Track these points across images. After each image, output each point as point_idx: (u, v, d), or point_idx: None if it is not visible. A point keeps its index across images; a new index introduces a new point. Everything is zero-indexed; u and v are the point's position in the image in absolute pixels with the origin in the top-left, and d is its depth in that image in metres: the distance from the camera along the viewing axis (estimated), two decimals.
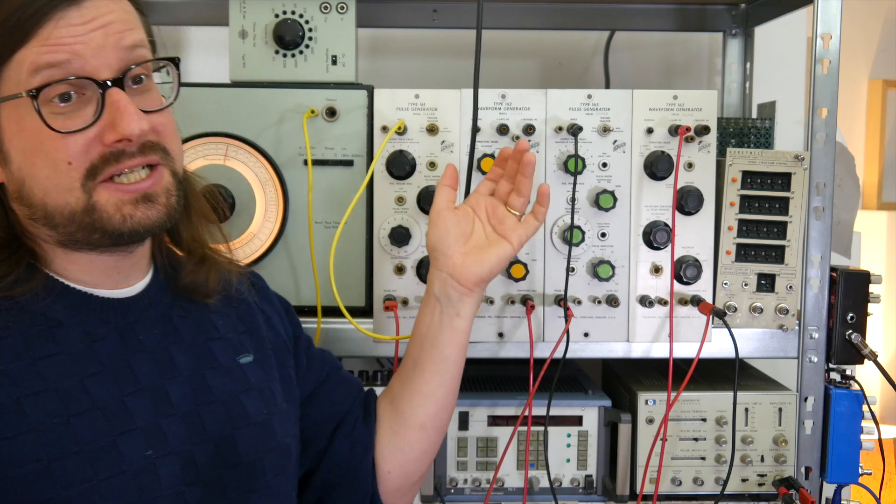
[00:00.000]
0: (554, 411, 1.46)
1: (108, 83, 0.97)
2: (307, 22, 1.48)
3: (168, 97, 1.06)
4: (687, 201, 1.43)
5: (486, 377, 1.64)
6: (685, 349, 1.45)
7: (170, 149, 1.04)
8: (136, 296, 1.09)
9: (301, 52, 1.48)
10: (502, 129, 1.42)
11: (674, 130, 1.42)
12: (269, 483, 1.11)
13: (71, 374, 0.99)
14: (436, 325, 1.25)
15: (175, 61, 1.07)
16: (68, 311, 1.03)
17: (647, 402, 1.50)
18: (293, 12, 1.48)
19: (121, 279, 1.07)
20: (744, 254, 1.47)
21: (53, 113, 0.96)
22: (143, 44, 1.02)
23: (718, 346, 1.46)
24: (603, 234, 1.45)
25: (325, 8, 1.48)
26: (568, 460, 1.52)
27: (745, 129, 1.68)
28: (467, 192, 1.40)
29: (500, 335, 1.45)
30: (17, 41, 0.95)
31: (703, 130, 1.42)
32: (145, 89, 1.03)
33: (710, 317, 1.42)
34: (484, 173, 1.41)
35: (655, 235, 1.43)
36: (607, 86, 2.02)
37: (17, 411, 0.95)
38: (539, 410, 1.44)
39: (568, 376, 1.64)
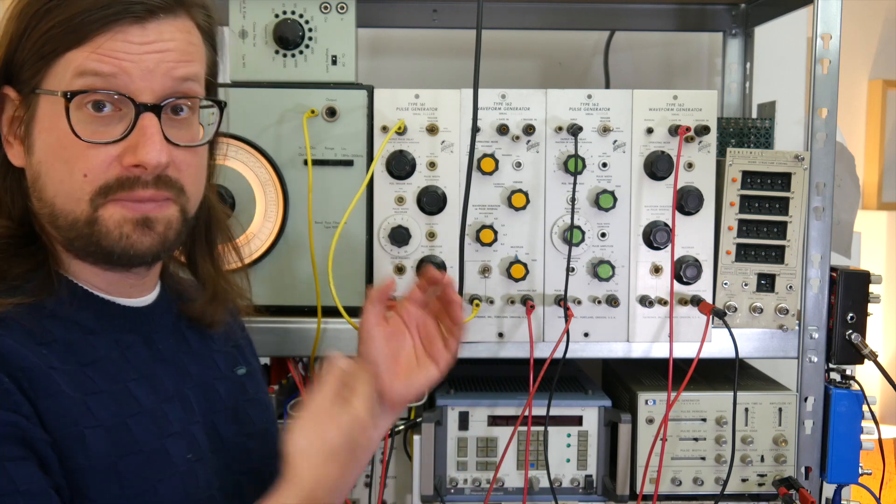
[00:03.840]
0: (554, 411, 1.46)
1: (146, 106, 0.96)
2: (307, 22, 1.48)
3: (205, 137, 1.05)
4: (687, 201, 1.43)
5: (486, 377, 1.64)
6: (685, 349, 1.45)
7: (187, 189, 1.02)
8: (150, 305, 1.09)
9: (301, 52, 1.48)
10: (502, 129, 1.42)
11: (674, 130, 1.42)
12: None
13: (115, 379, 1.00)
14: None
15: (221, 105, 1.07)
16: (96, 318, 1.03)
17: (647, 402, 1.50)
18: (293, 12, 1.48)
19: (133, 290, 1.07)
20: (744, 254, 1.46)
21: (84, 120, 0.96)
22: (195, 78, 1.01)
23: (718, 346, 1.45)
24: (603, 234, 1.45)
25: (325, 8, 1.48)
26: (568, 460, 1.52)
27: (745, 129, 1.68)
28: (467, 193, 1.40)
29: (500, 335, 1.45)
30: (74, 41, 0.95)
31: (703, 130, 1.42)
32: (183, 122, 1.01)
33: (710, 317, 1.42)
34: (484, 173, 1.41)
35: (655, 235, 1.43)
36: (607, 86, 2.02)
37: (84, 407, 0.95)
38: (539, 410, 1.44)
39: (568, 376, 1.64)
